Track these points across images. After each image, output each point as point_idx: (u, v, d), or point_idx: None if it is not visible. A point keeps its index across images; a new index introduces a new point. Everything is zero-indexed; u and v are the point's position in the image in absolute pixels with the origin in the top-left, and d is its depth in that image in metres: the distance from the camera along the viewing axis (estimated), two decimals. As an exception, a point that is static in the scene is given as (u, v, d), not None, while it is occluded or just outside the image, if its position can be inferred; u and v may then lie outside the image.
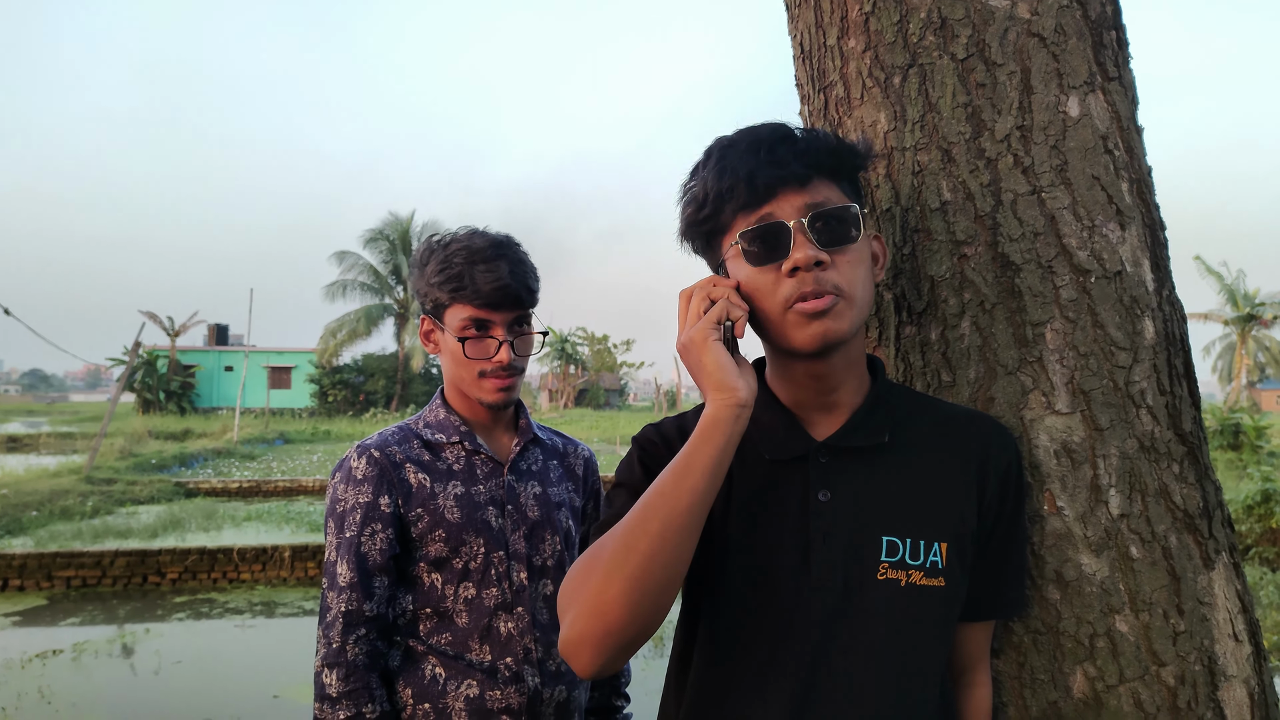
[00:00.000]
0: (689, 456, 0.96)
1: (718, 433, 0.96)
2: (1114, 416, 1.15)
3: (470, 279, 1.59)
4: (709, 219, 1.06)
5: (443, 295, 1.62)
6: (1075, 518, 1.14)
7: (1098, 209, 1.18)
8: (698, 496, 0.94)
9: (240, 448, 22.45)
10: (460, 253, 1.62)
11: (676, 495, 0.94)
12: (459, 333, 1.62)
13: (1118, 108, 1.22)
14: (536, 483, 1.72)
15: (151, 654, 6.39)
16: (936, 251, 1.23)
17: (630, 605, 0.91)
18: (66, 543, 9.62)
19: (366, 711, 1.50)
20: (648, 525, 0.93)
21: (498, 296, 1.60)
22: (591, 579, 0.95)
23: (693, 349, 1.01)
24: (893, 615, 1.03)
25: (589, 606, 0.93)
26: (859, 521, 1.05)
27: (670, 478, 0.95)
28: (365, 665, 1.53)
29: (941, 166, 1.23)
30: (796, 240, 1.00)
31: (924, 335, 1.25)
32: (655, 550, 0.92)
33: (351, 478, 1.60)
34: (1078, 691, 1.13)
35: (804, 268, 0.99)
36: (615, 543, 0.95)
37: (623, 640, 0.93)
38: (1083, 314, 1.16)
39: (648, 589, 0.92)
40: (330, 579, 1.58)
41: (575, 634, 0.94)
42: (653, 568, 0.92)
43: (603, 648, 0.93)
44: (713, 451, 0.95)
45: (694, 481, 0.94)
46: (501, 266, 1.60)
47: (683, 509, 0.93)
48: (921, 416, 1.12)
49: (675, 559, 0.93)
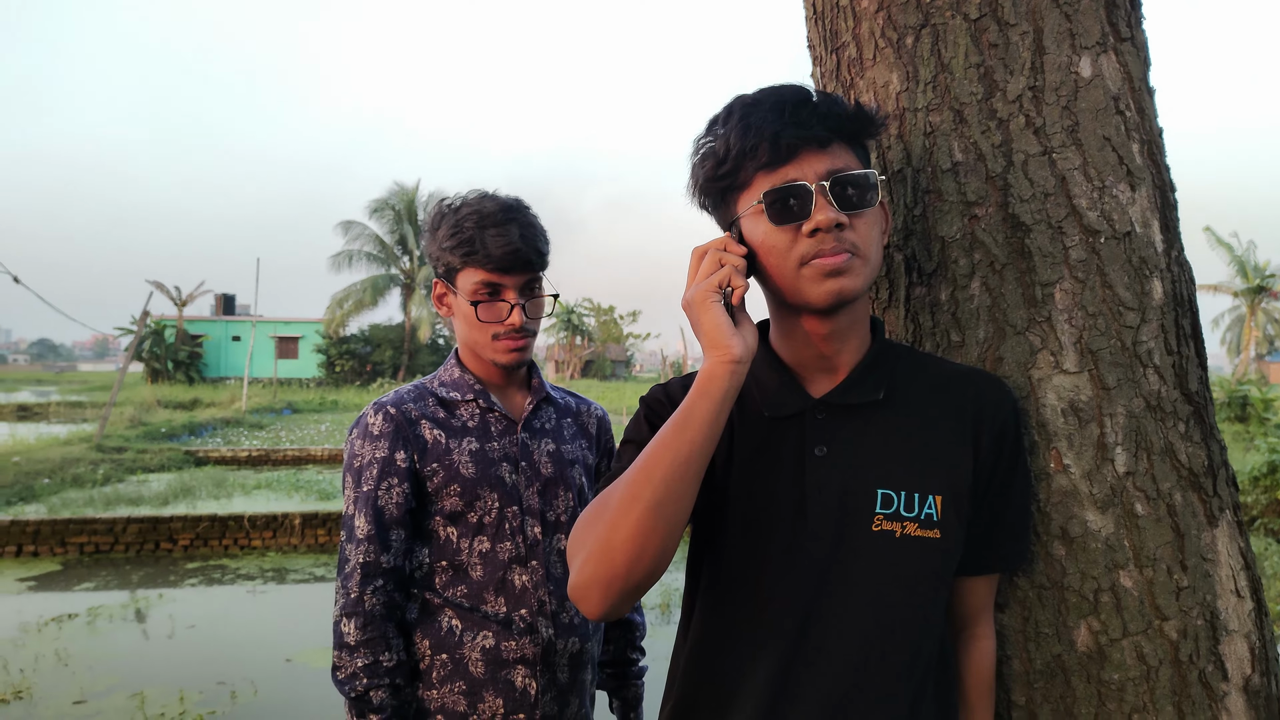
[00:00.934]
0: (688, 410, 1.00)
1: (713, 387, 1.00)
2: (1121, 376, 1.16)
3: (481, 243, 1.61)
4: (729, 175, 1.08)
5: (454, 259, 1.64)
6: (1081, 475, 1.16)
7: (1108, 170, 1.19)
8: (697, 447, 0.98)
9: (249, 417, 22.59)
10: (471, 217, 1.63)
11: (678, 445, 0.98)
12: (471, 296, 1.64)
13: (1130, 69, 1.22)
14: (550, 440, 1.75)
15: (165, 618, 6.49)
16: (947, 212, 1.24)
17: (636, 549, 0.96)
18: (79, 510, 9.73)
19: (383, 659, 1.54)
20: (651, 474, 0.97)
21: (509, 260, 1.61)
22: (599, 525, 0.99)
23: (693, 309, 1.05)
24: (887, 566, 1.06)
25: (597, 550, 0.98)
26: (854, 475, 1.08)
27: (671, 430, 1.00)
28: (382, 615, 1.57)
29: (953, 127, 1.23)
30: (818, 203, 1.03)
31: (934, 296, 1.26)
32: (659, 497, 0.96)
33: (368, 434, 1.63)
34: (1081, 645, 1.16)
35: (825, 229, 1.02)
36: (622, 491, 0.99)
37: (629, 583, 0.97)
38: (1092, 274, 1.17)
39: (652, 534, 0.96)
40: (349, 532, 1.61)
41: (584, 577, 0.98)
42: (657, 514, 0.96)
43: (610, 590, 0.97)
44: (710, 405, 0.99)
45: (693, 433, 0.98)
46: (512, 230, 1.62)
47: (683, 458, 0.98)
48: (919, 375, 1.15)
49: (678, 506, 0.98)
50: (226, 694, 4.98)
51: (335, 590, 1.61)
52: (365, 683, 1.52)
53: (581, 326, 55.85)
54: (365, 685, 1.52)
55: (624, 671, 1.90)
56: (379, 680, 1.53)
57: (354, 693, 1.52)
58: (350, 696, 1.53)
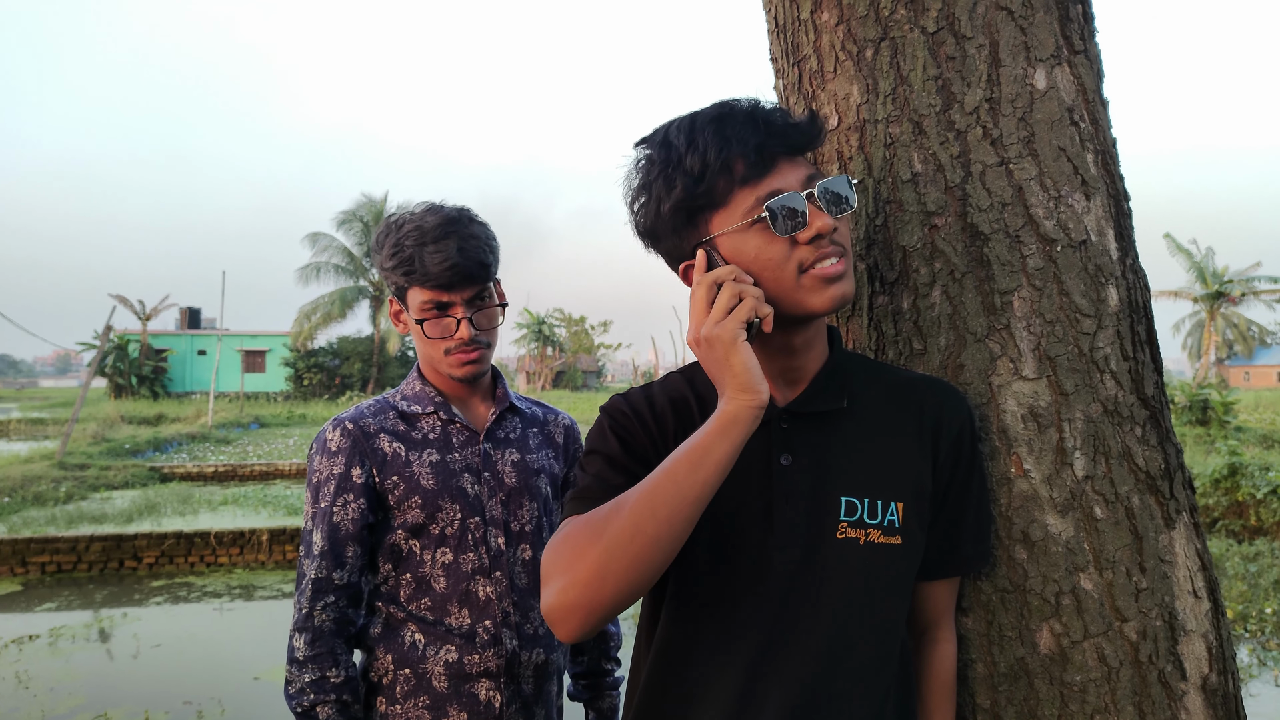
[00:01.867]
0: (705, 449, 0.97)
1: (736, 431, 0.98)
2: (1079, 381, 1.18)
3: (420, 261, 1.59)
4: (705, 194, 1.05)
5: (399, 279, 1.64)
6: (1041, 480, 1.18)
7: (1064, 180, 1.21)
8: (708, 488, 0.97)
9: (215, 432, 22.28)
10: (411, 234, 1.61)
11: (689, 485, 0.96)
12: (418, 314, 1.64)
13: (1084, 80, 1.25)
14: (515, 450, 1.74)
15: (130, 638, 6.37)
16: (908, 222, 1.26)
17: (630, 581, 0.95)
18: (40, 528, 9.53)
19: (330, 675, 1.55)
20: (656, 510, 0.95)
21: (448, 277, 1.59)
22: (590, 552, 0.96)
23: (719, 346, 1.00)
24: (852, 572, 1.07)
25: (587, 578, 0.95)
26: (819, 483, 1.09)
27: (684, 466, 0.97)
28: (331, 631, 1.57)
29: (913, 139, 1.25)
30: (810, 210, 1.04)
31: (896, 304, 1.28)
32: (660, 534, 0.95)
33: (326, 449, 1.63)
34: (1044, 647, 1.17)
35: (825, 234, 1.04)
36: (623, 521, 0.96)
37: (613, 609, 0.97)
38: (1049, 282, 1.19)
39: (646, 568, 0.95)
40: (306, 547, 1.61)
41: (567, 601, 0.96)
42: (656, 549, 0.95)
43: (593, 616, 0.96)
44: (729, 447, 0.97)
45: (706, 475, 0.96)
46: (450, 245, 1.59)
47: (692, 499, 0.96)
48: (876, 383, 1.16)
49: (677, 542, 0.97)
50: (193, 713, 4.90)
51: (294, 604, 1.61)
52: (312, 698, 1.53)
53: (552, 337, 55.74)
54: (311, 700, 1.53)
55: (599, 682, 1.90)
56: (325, 696, 1.54)
57: (300, 708, 1.53)
58: (297, 711, 1.54)
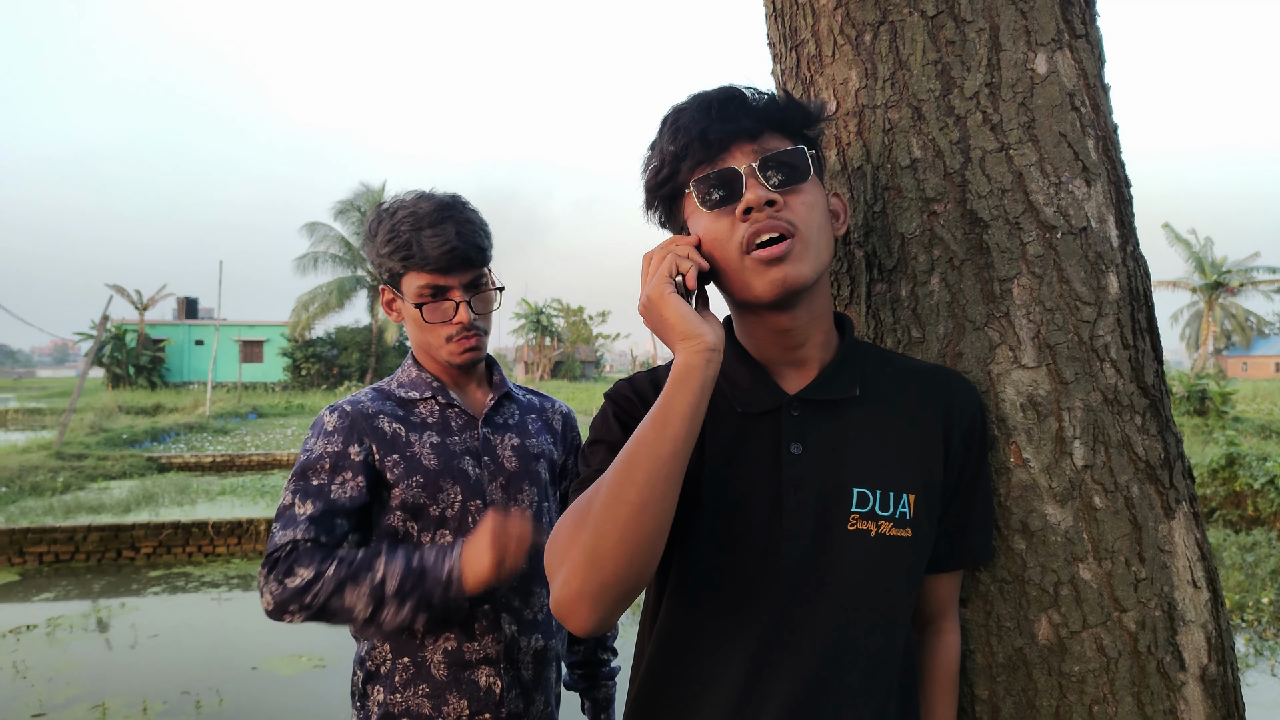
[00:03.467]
0: (666, 405, 0.97)
1: (692, 378, 0.97)
2: (1078, 370, 1.17)
3: (419, 245, 1.59)
4: (667, 180, 1.08)
5: (395, 265, 1.63)
6: (1040, 469, 1.17)
7: (1064, 166, 1.20)
8: (679, 444, 0.95)
9: (213, 422, 22.27)
10: (406, 220, 1.61)
11: (659, 443, 0.95)
12: (416, 299, 1.63)
13: (1085, 65, 1.23)
14: (514, 434, 1.73)
15: (127, 628, 6.37)
16: (907, 209, 1.24)
17: (625, 555, 0.93)
18: (38, 518, 9.52)
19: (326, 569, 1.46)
20: (634, 475, 0.94)
21: (447, 260, 1.59)
22: (582, 534, 0.95)
23: (652, 306, 1.02)
24: (862, 565, 1.05)
25: (583, 561, 0.94)
26: (830, 473, 1.07)
27: (650, 427, 0.96)
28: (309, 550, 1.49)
29: (912, 124, 1.24)
30: (748, 183, 1.02)
31: (894, 292, 1.26)
32: (644, 499, 0.93)
33: (323, 431, 1.61)
34: (1042, 638, 1.16)
35: (756, 208, 1.01)
36: (603, 496, 0.96)
37: (620, 591, 0.94)
38: (1049, 269, 1.18)
39: (640, 538, 0.93)
40: (285, 521, 1.52)
41: (573, 591, 0.94)
42: (643, 516, 0.93)
43: (601, 601, 0.94)
44: (689, 397, 0.96)
45: (674, 429, 0.95)
46: (448, 229, 1.60)
47: (666, 456, 0.95)
48: (887, 372, 1.15)
49: (663, 506, 0.95)
50: (191, 703, 4.89)
51: (258, 583, 1.49)
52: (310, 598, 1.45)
53: (550, 327, 55.72)
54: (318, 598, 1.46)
55: (595, 672, 1.89)
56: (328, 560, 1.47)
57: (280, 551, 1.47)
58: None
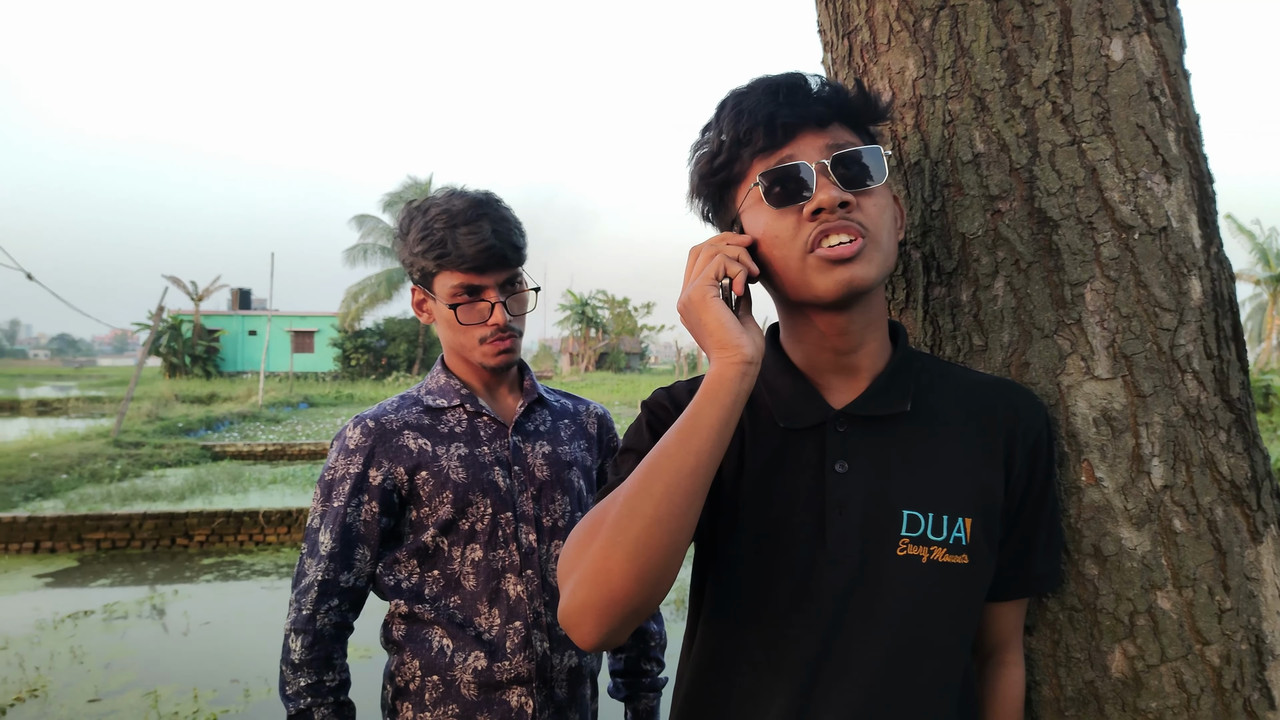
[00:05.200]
0: (693, 417, 0.91)
1: (723, 391, 0.91)
2: (1157, 382, 1.08)
3: (454, 244, 1.55)
4: (723, 167, 1.01)
5: (428, 263, 1.58)
6: (1115, 489, 1.08)
7: (1142, 160, 1.10)
8: (704, 458, 0.90)
9: (265, 411, 22.68)
10: (440, 218, 1.57)
11: (681, 456, 0.89)
12: (450, 299, 1.58)
13: (1164, 51, 1.14)
14: (545, 442, 1.69)
15: (180, 615, 6.49)
16: (968, 207, 1.16)
17: (635, 571, 0.87)
18: (96, 505, 9.77)
19: (326, 680, 1.52)
20: (652, 488, 0.89)
21: (483, 259, 1.55)
22: (593, 544, 0.91)
23: (691, 308, 0.96)
24: (912, 593, 0.98)
25: (591, 573, 0.89)
26: (878, 494, 1.00)
27: (675, 438, 0.91)
28: (332, 636, 1.54)
29: (974, 116, 1.15)
30: (819, 181, 0.95)
31: (954, 296, 1.18)
32: (660, 514, 0.88)
33: (345, 448, 1.59)
34: (1116, 671, 1.08)
35: (828, 209, 0.94)
36: (619, 506, 0.91)
37: (628, 609, 0.89)
38: (1125, 273, 1.09)
39: (652, 554, 0.88)
40: (311, 546, 1.57)
41: (578, 602, 0.90)
42: (657, 532, 0.88)
43: (606, 616, 0.89)
44: (718, 411, 0.90)
45: (699, 443, 0.90)
46: (484, 227, 1.55)
47: (688, 470, 0.89)
48: (945, 385, 1.07)
49: (680, 523, 0.89)
50: (240, 691, 4.96)
51: (289, 602, 1.57)
52: (308, 701, 1.51)
53: (595, 319, 55.86)
54: (308, 704, 1.51)
55: (637, 682, 1.83)
56: (322, 699, 1.51)
57: (295, 710, 1.51)
58: (292, 713, 1.51)
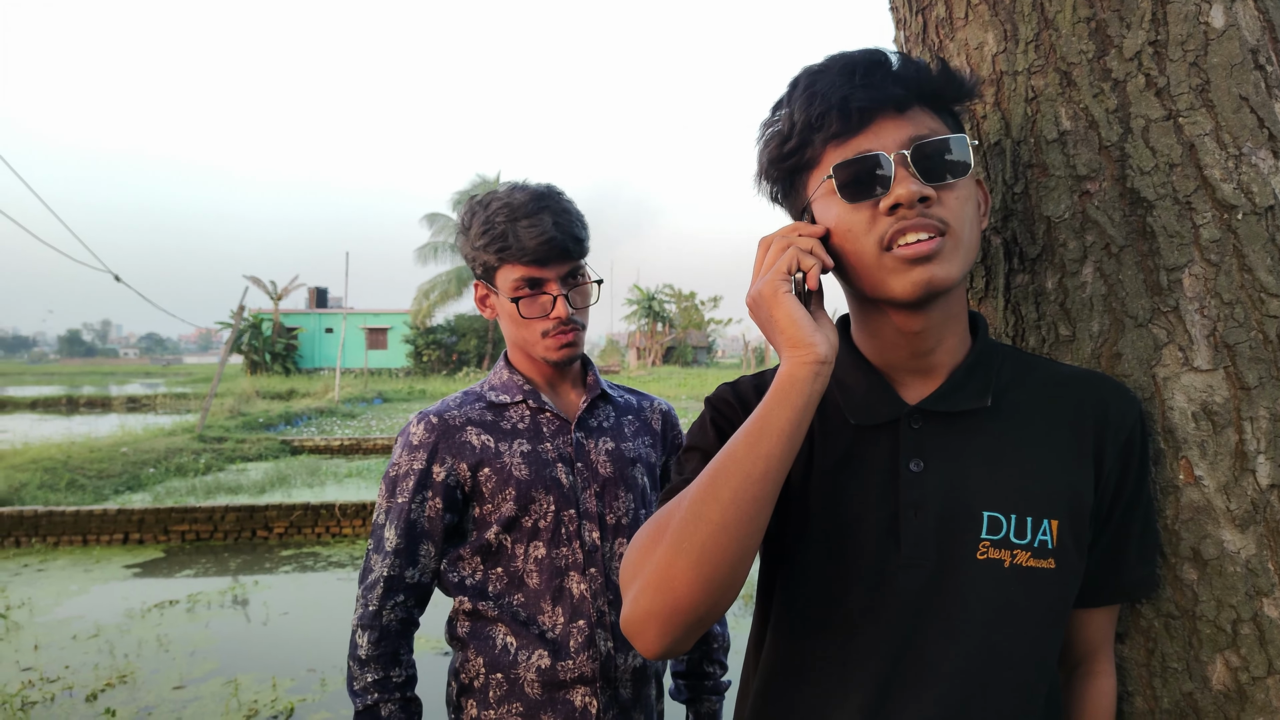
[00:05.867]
0: (764, 419, 0.87)
1: (795, 393, 0.86)
2: (1263, 373, 1.00)
3: (515, 237, 1.54)
4: (794, 153, 0.95)
5: (490, 257, 1.58)
6: (1216, 489, 1.01)
7: (1245, 134, 1.02)
8: (774, 462, 0.85)
9: (341, 406, 23.26)
10: (501, 211, 1.56)
11: (751, 460, 0.85)
12: (512, 293, 1.57)
13: (1270, 15, 1.05)
14: (609, 438, 1.66)
15: (260, 605, 6.67)
16: (1054, 189, 1.09)
17: (700, 579, 0.84)
18: (181, 498, 10.14)
19: (393, 675, 1.53)
20: (719, 492, 0.85)
21: (544, 251, 1.53)
22: (657, 550, 0.87)
23: (762, 303, 0.91)
24: (994, 600, 0.92)
25: (654, 580, 0.86)
26: (956, 495, 0.94)
27: (743, 441, 0.87)
28: (398, 631, 1.55)
29: (1060, 91, 1.08)
30: (898, 174, 0.89)
31: (1039, 284, 1.12)
32: (727, 520, 0.84)
33: (409, 444, 1.59)
34: (1217, 683, 1.01)
35: (906, 204, 0.88)
36: (684, 511, 0.87)
37: (692, 617, 0.85)
38: (1227, 256, 1.01)
39: (718, 562, 0.84)
40: (376, 542, 1.59)
41: (640, 610, 0.86)
42: (723, 539, 0.84)
43: (670, 625, 0.85)
44: (790, 414, 0.86)
45: (769, 446, 0.85)
46: (545, 219, 1.54)
47: (757, 475, 0.85)
48: (1028, 378, 1.00)
49: (748, 530, 0.85)
50: (316, 680, 5.08)
51: (356, 598, 1.58)
52: (375, 696, 1.52)
53: (662, 313, 55.85)
54: (375, 699, 1.52)
55: (699, 685, 1.80)
56: (389, 695, 1.52)
57: (363, 705, 1.52)
58: (359, 709, 1.53)
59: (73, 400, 30.30)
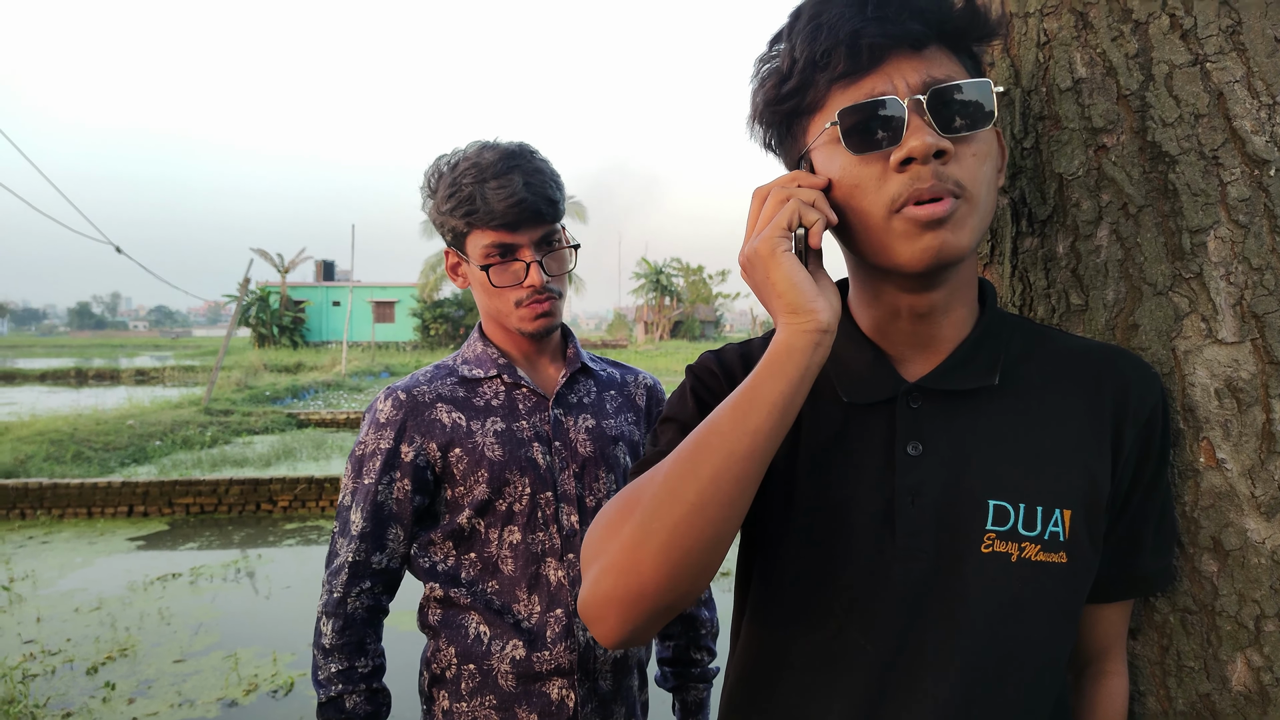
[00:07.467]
0: (753, 390, 0.77)
1: (791, 364, 0.77)
2: (1296, 346, 0.91)
3: (483, 199, 1.43)
4: (794, 94, 0.84)
5: (458, 222, 1.47)
6: (1240, 473, 0.92)
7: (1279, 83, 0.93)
8: (761, 439, 0.76)
9: (348, 380, 23.30)
10: (469, 172, 1.45)
11: (736, 436, 0.76)
12: (482, 260, 1.47)
13: (1310, -49, 0.95)
14: (589, 415, 1.57)
15: (263, 579, 6.67)
16: (1067, 143, 1.00)
17: (669, 563, 0.75)
18: (186, 471, 10.15)
19: (358, 666, 1.46)
20: (698, 469, 0.76)
21: (515, 214, 1.43)
22: (624, 528, 0.78)
23: (758, 262, 0.80)
24: (1000, 596, 0.83)
25: (618, 561, 0.77)
26: (958, 482, 0.85)
27: (729, 414, 0.77)
28: (364, 620, 1.47)
29: (1075, 35, 0.98)
30: (911, 123, 0.78)
31: (1049, 248, 1.02)
32: (704, 499, 0.75)
33: (375, 421, 1.50)
34: (1237, 683, 0.92)
35: (920, 159, 0.77)
36: (657, 488, 0.78)
37: (658, 605, 0.77)
38: (1257, 217, 0.92)
39: (691, 546, 0.75)
40: (342, 525, 1.50)
41: (601, 594, 0.78)
42: (699, 520, 0.75)
43: (632, 612, 0.77)
44: (784, 386, 0.76)
45: (758, 421, 0.76)
46: (515, 180, 1.43)
47: (741, 453, 0.76)
48: (1041, 353, 0.91)
49: (728, 513, 0.76)
50: (316, 656, 5.07)
51: (321, 582, 1.50)
52: (339, 688, 1.44)
53: (670, 287, 55.70)
54: (339, 690, 1.44)
55: (686, 672, 1.72)
56: (353, 686, 1.45)
57: (326, 696, 1.45)
58: (322, 700, 1.45)
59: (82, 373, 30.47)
